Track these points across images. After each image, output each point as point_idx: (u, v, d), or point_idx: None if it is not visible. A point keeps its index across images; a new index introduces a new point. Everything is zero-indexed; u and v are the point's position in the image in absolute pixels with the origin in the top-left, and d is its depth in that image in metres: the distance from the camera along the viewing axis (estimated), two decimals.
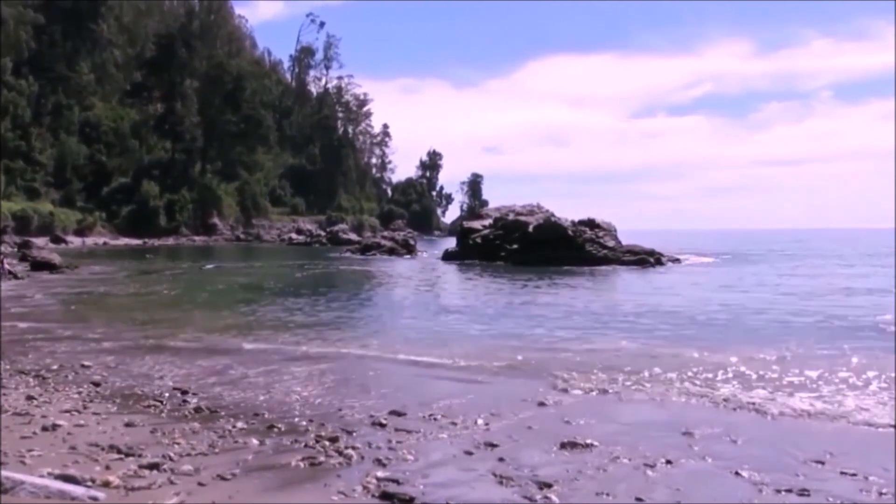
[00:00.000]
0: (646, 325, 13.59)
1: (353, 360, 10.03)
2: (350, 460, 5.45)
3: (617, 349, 10.72)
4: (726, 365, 9.36)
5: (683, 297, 18.90)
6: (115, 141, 73.40)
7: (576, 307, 16.50)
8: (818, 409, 7.16)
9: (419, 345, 11.31)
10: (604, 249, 32.13)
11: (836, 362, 9.48)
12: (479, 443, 5.97)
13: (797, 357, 9.88)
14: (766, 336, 12.04)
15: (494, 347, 10.98)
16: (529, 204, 38.72)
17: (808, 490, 4.93)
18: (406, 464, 5.42)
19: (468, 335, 12.52)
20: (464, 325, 14.02)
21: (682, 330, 12.92)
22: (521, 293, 20.34)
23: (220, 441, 5.89)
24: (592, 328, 13.21)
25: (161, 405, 7.16)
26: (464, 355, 10.17)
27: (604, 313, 15.34)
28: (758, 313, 15.28)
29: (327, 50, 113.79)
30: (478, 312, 15.86)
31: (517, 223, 34.73)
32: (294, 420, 6.65)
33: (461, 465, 5.43)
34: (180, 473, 4.99)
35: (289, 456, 5.52)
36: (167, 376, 8.66)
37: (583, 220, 34.43)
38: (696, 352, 10.29)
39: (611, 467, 5.40)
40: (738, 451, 5.85)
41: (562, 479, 5.10)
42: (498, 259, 33.09)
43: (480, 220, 39.22)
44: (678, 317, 14.68)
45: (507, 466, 5.37)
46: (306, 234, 77.70)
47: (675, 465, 5.44)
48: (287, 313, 15.54)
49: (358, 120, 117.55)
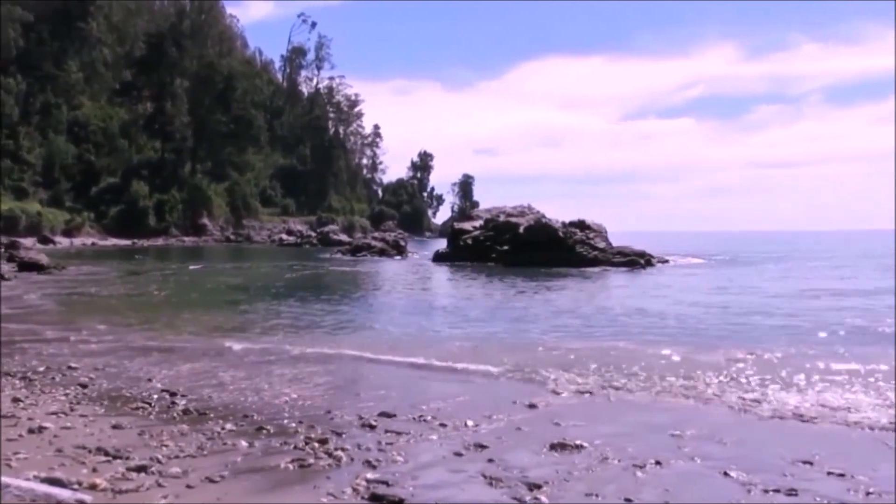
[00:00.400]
0: (635, 326, 13.62)
1: (343, 362, 10.01)
2: (339, 462, 5.43)
3: (607, 350, 10.73)
4: (715, 366, 9.39)
5: (672, 298, 18.95)
6: (104, 140, 72.99)
7: (566, 308, 16.53)
8: (806, 410, 7.19)
9: (409, 346, 11.30)
10: (594, 251, 32.20)
11: (824, 363, 9.52)
12: (469, 444, 5.96)
13: (786, 358, 9.91)
14: (755, 337, 12.08)
15: (485, 348, 10.98)
16: (520, 205, 38.72)
17: (795, 490, 4.95)
18: (396, 465, 5.41)
19: (458, 336, 12.51)
20: (454, 326, 14.03)
21: (670, 331, 12.96)
22: (512, 294, 20.35)
23: (208, 443, 5.86)
24: (582, 329, 13.23)
25: (149, 407, 7.12)
26: (454, 356, 10.16)
27: (593, 314, 15.37)
28: (746, 315, 15.34)
29: (319, 50, 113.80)
30: (468, 313, 15.87)
31: (508, 224, 34.76)
32: (283, 422, 6.63)
33: (451, 467, 5.42)
34: (168, 476, 4.97)
35: (278, 458, 5.50)
36: (155, 378, 8.61)
37: (573, 221, 34.49)
38: (685, 353, 10.32)
39: (600, 468, 5.41)
40: (727, 451, 5.87)
41: (551, 480, 5.11)
42: (488, 260, 33.11)
43: (471, 221, 39.21)
44: (666, 318, 14.73)
45: (496, 468, 5.36)
46: (297, 234, 77.50)
47: (665, 466, 5.45)
48: (276, 314, 15.50)
49: (349, 120, 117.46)
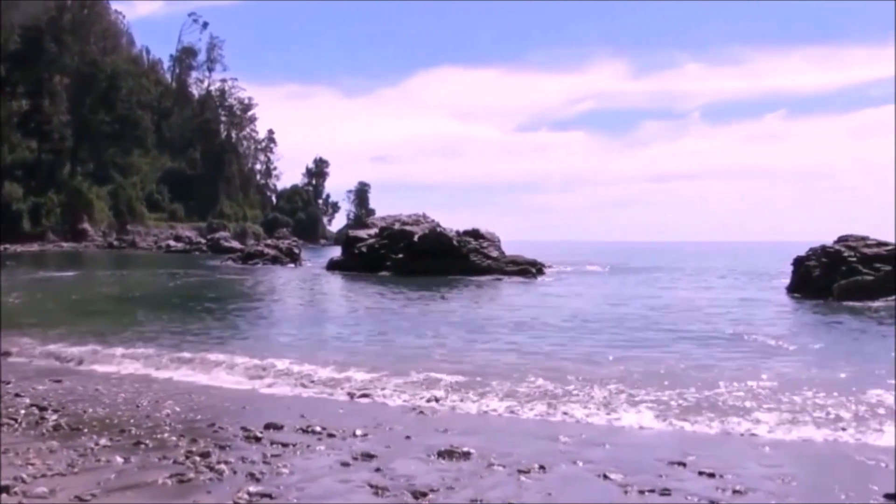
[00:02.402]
0: (523, 334, 13.91)
1: (227, 372, 9.73)
2: (222, 476, 5.27)
3: (494, 359, 10.91)
4: (602, 375, 9.71)
5: (558, 307, 19.48)
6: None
7: (456, 317, 16.71)
8: (679, 415, 7.55)
9: (297, 355, 11.09)
10: (487, 259, 32.74)
11: (699, 371, 10.03)
12: (357, 454, 5.92)
13: (667, 366, 10.37)
14: (637, 344, 12.56)
15: (374, 358, 10.92)
16: (415, 213, 38.92)
17: (669, 490, 5.19)
18: (281, 478, 5.30)
19: (347, 346, 12.41)
20: (343, 335, 13.89)
21: (555, 339, 13.26)
22: (404, 303, 20.39)
23: (80, 460, 5.56)
24: (471, 338, 13.39)
25: (16, 423, 6.68)
26: (343, 366, 10.05)
27: (484, 323, 15.60)
28: (623, 321, 15.93)
29: (210, 51, 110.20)
30: (359, 323, 15.76)
31: (403, 233, 34.81)
32: (164, 435, 6.37)
33: (337, 477, 5.37)
34: (33, 496, 4.68)
35: (155, 473, 5.28)
36: (24, 393, 8.09)
37: (468, 230, 34.97)
38: (570, 362, 10.62)
39: (486, 474, 5.49)
40: (607, 454, 6.09)
41: (438, 487, 5.14)
42: (383, 269, 33.04)
43: (366, 229, 39.01)
44: (552, 326, 15.11)
45: (383, 477, 5.35)
46: (185, 241, 74.83)
47: (548, 471, 5.59)
48: (155, 325, 14.82)
49: (242, 125, 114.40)
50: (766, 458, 6.12)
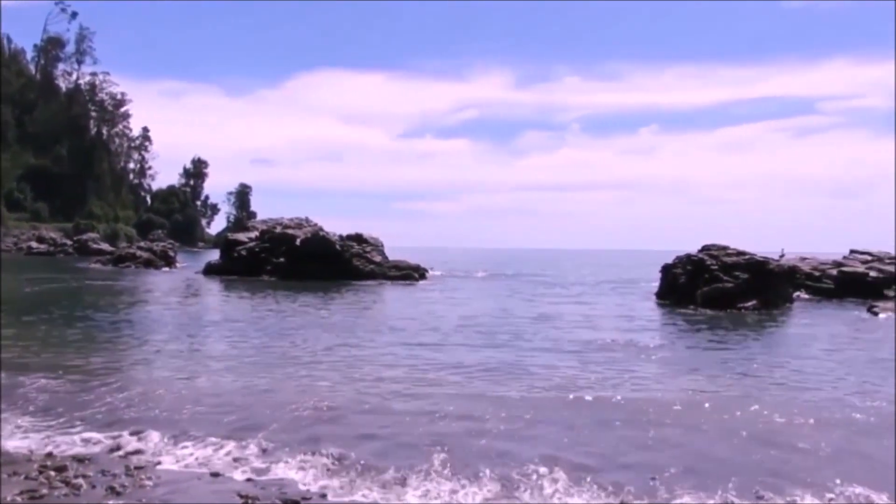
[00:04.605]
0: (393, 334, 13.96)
1: (87, 382, 9.18)
2: (79, 490, 4.99)
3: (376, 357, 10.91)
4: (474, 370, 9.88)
5: (426, 311, 19.68)
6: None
7: (335, 323, 16.58)
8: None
9: (162, 363, 10.63)
10: (370, 264, 32.66)
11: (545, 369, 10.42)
12: (229, 462, 5.74)
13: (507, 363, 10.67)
14: (494, 345, 12.88)
15: (248, 366, 10.64)
16: (298, 217, 38.29)
17: None
18: (143, 491, 5.06)
19: (220, 353, 11.95)
20: (215, 343, 13.33)
21: (436, 341, 13.40)
22: (280, 308, 19.97)
23: None
24: (359, 343, 13.28)
25: None
26: (215, 373, 9.74)
27: (364, 328, 15.54)
28: (482, 324, 16.27)
29: (80, 43, 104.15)
30: (233, 330, 15.23)
31: (284, 236, 34.16)
32: (12, 451, 5.94)
33: (208, 488, 5.19)
34: None
35: (4, 491, 4.92)
36: None
37: (351, 234, 34.79)
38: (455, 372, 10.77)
39: None
40: None
41: (313, 495, 5.06)
42: (263, 273, 32.30)
43: (247, 232, 37.94)
44: (433, 328, 15.26)
45: (254, 487, 5.22)
46: (49, 242, 70.34)
47: None
48: (11, 334, 13.51)
49: (114, 121, 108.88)
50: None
